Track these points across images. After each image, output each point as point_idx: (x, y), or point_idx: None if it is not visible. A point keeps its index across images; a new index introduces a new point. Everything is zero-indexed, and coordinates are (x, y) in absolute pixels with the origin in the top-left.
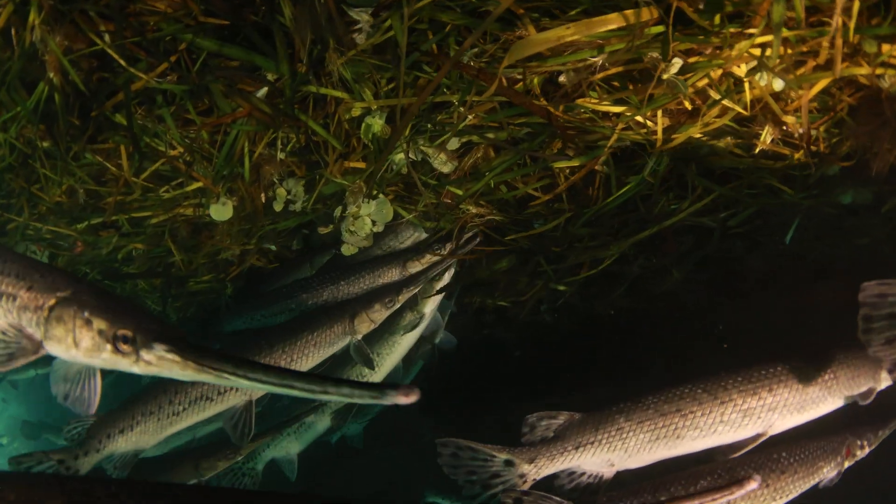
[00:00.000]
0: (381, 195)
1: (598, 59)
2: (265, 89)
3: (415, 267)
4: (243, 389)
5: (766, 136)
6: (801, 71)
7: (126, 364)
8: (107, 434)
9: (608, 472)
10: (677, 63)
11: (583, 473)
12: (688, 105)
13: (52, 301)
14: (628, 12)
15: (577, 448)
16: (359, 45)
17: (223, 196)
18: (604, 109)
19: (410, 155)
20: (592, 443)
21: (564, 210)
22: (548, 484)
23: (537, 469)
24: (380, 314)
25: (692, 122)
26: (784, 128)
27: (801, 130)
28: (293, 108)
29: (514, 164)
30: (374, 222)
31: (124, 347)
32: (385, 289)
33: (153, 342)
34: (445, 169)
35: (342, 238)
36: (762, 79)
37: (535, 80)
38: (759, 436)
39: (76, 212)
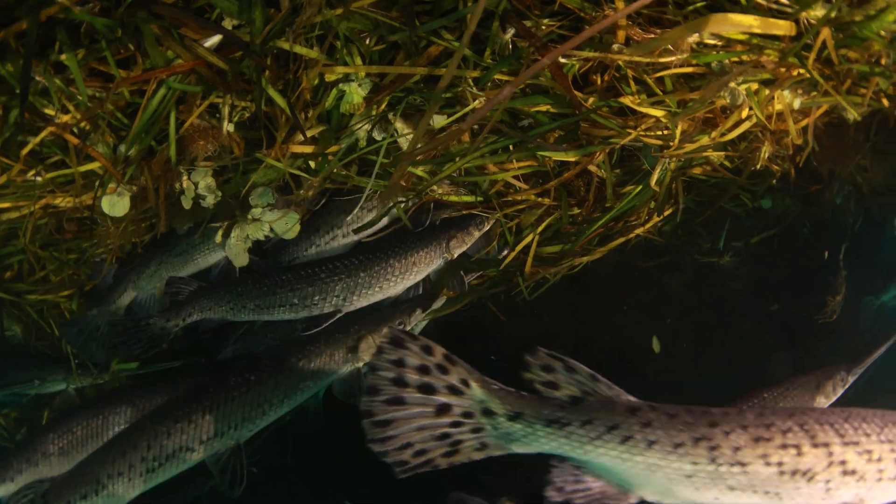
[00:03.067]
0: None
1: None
2: (217, 38)
3: (458, 247)
4: (229, 435)
5: (765, 152)
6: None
7: None
8: (67, 502)
9: None
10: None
11: None
12: (746, 113)
13: None
14: (792, 24)
15: None
16: None
17: (123, 184)
18: (643, 111)
19: (375, 133)
20: None
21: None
22: None
23: None
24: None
25: (706, 131)
26: (777, 145)
27: (793, 147)
28: (260, 68)
29: (494, 151)
30: (271, 230)
31: None
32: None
33: None
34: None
35: (225, 245)
36: (787, 96)
37: (576, 68)
38: None
39: None
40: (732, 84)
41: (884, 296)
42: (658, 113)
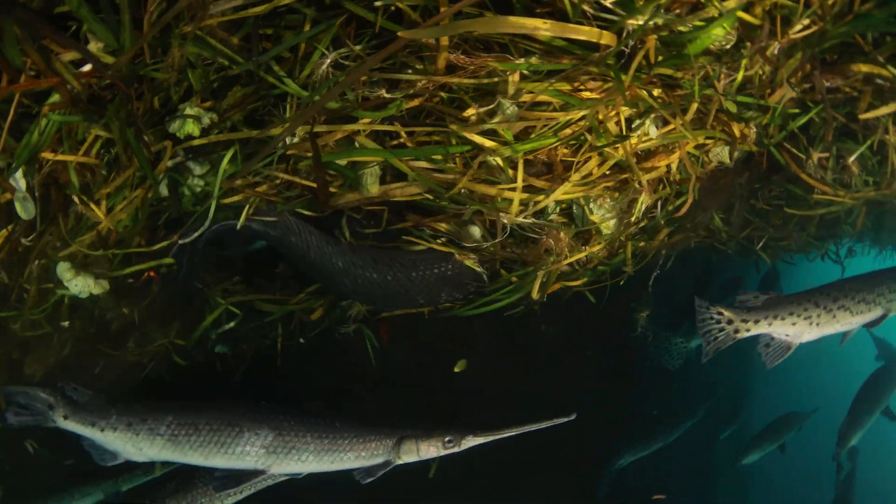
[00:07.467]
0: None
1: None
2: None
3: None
4: None
5: (642, 203)
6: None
7: None
8: None
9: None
10: (514, 84)
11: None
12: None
13: None
14: (605, 33)
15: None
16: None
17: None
18: (474, 139)
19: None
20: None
21: None
22: None
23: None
24: (431, 451)
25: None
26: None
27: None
28: (129, 97)
29: None
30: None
31: None
32: (449, 427)
33: None
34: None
35: None
36: (641, 126)
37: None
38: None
39: None
40: (501, 99)
41: (693, 341)
42: (490, 144)
